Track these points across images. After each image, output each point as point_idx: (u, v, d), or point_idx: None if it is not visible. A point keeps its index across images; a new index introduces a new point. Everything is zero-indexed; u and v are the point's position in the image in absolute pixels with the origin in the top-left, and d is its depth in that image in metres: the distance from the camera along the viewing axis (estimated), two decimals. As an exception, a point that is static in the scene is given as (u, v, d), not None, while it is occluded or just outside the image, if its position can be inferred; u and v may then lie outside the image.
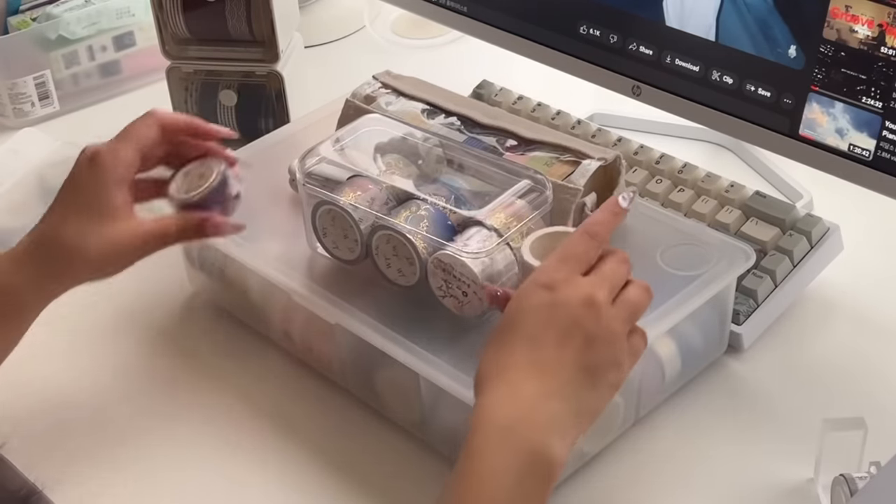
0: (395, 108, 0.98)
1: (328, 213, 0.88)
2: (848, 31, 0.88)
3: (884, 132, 0.88)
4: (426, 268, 0.84)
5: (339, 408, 0.91)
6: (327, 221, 0.89)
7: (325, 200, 0.88)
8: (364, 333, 0.85)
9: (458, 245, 0.82)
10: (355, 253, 0.89)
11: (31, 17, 1.31)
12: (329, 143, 0.91)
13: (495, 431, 0.66)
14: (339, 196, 0.87)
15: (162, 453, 0.89)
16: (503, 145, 0.93)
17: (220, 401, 0.92)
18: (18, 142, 1.20)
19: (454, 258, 0.82)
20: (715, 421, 0.88)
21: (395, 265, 0.86)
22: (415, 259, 0.85)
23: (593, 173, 0.87)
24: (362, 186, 0.88)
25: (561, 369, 0.69)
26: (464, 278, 0.82)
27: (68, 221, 0.83)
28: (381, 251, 0.87)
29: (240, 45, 1.16)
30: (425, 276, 0.85)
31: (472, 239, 0.82)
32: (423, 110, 0.97)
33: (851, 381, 0.91)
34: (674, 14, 0.99)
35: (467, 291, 0.83)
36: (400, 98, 0.99)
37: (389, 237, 0.85)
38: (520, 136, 0.93)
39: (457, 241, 0.83)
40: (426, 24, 1.29)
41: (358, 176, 0.88)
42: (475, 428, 0.67)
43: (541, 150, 0.91)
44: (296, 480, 0.86)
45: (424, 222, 0.84)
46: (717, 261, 0.88)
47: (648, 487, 0.84)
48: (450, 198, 0.87)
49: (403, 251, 0.85)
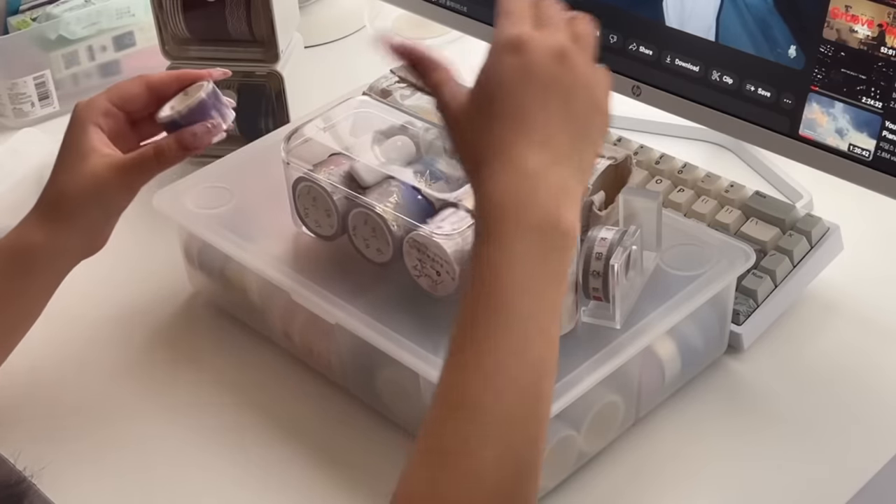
0: (411, 102, 0.99)
1: (307, 191, 0.90)
2: (848, 31, 0.88)
3: (884, 132, 0.88)
4: (401, 246, 0.86)
5: (339, 408, 0.91)
6: (308, 201, 0.91)
7: (303, 177, 0.90)
8: (364, 333, 0.85)
9: (433, 226, 0.84)
10: (333, 228, 0.91)
11: (31, 17, 1.31)
12: (315, 124, 0.93)
13: (510, 213, 0.64)
14: (317, 174, 0.89)
15: (161, 453, 0.89)
16: None
17: (219, 400, 0.92)
18: (18, 142, 1.20)
19: (428, 238, 0.84)
20: (715, 421, 0.88)
21: (373, 245, 0.88)
22: (387, 237, 0.86)
23: (602, 172, 0.87)
24: (338, 163, 0.90)
25: (555, 132, 0.67)
26: (437, 258, 0.84)
27: (56, 170, 0.88)
28: (360, 231, 0.89)
29: (240, 45, 1.16)
30: (400, 255, 0.87)
31: (447, 220, 0.84)
32: None
33: (851, 380, 0.91)
34: (674, 14, 0.99)
35: (440, 271, 0.84)
36: (416, 92, 0.99)
37: (367, 217, 0.87)
38: None
39: (432, 222, 0.84)
40: (426, 24, 1.29)
41: (338, 154, 0.90)
42: (486, 214, 0.65)
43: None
44: (296, 480, 0.85)
45: (394, 198, 0.86)
46: (717, 261, 0.88)
47: (648, 487, 0.84)
48: (425, 174, 0.88)
49: (381, 231, 0.87)
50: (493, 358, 0.62)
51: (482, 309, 0.63)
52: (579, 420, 0.81)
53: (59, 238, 0.87)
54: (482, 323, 0.63)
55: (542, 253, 0.64)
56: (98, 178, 0.86)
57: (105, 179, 0.86)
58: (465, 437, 0.61)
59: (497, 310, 0.63)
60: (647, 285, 0.86)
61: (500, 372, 0.62)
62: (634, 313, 0.84)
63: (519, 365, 0.63)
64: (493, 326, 0.63)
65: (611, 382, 0.81)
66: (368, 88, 1.01)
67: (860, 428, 0.87)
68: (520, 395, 0.62)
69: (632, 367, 0.83)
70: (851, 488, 0.82)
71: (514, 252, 0.64)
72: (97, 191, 0.86)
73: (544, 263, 0.64)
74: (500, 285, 0.63)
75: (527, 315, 0.63)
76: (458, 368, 0.63)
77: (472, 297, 0.64)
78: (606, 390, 0.82)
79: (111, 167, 0.86)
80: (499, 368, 0.62)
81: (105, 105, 0.90)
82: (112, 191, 0.87)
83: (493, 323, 0.63)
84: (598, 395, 0.82)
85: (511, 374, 0.62)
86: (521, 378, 0.62)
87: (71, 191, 0.86)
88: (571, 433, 0.81)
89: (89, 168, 0.86)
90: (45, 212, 0.88)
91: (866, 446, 0.85)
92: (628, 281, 0.82)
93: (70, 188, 0.87)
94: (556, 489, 0.83)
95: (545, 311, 0.64)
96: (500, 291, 0.63)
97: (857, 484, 0.82)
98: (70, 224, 0.87)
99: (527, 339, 0.63)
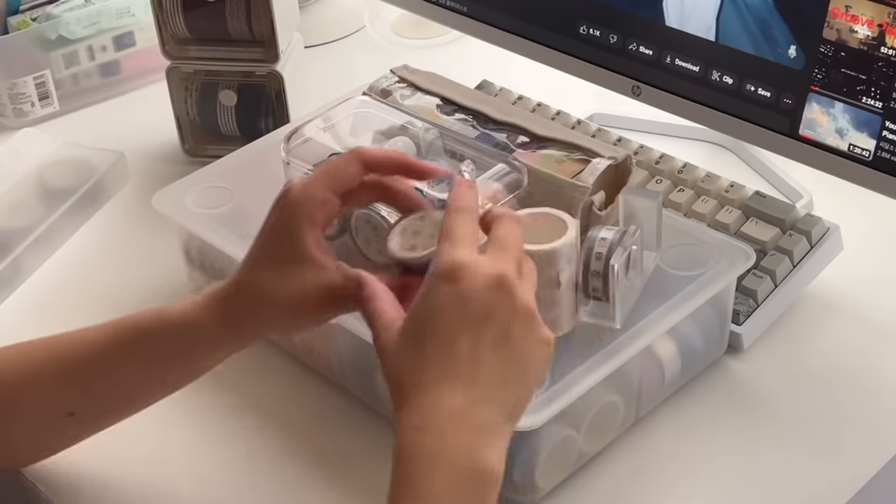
0: (411, 102, 0.98)
1: None
2: (848, 31, 0.88)
3: (884, 132, 0.88)
4: None
5: (339, 408, 0.91)
6: None
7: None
8: (364, 333, 0.84)
9: None
10: (334, 228, 0.90)
11: (31, 17, 1.31)
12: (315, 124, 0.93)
13: (424, 457, 0.63)
14: None
15: (160, 453, 0.89)
16: (514, 142, 0.93)
17: (219, 401, 0.92)
18: (18, 142, 1.20)
19: None
20: (715, 421, 0.88)
21: (375, 245, 0.88)
22: None
23: (602, 172, 0.87)
24: None
25: (486, 370, 0.64)
26: None
27: (265, 262, 0.75)
28: (361, 231, 0.88)
29: (240, 45, 1.16)
30: None
31: None
32: (437, 105, 0.98)
33: (851, 380, 0.91)
34: (674, 14, 0.99)
35: None
36: (416, 92, 0.99)
37: (369, 217, 0.86)
38: (532, 133, 0.93)
39: None
40: (426, 24, 1.29)
41: (338, 154, 0.90)
42: (402, 455, 0.63)
43: (552, 148, 0.91)
44: (295, 480, 0.85)
45: None
46: (717, 261, 0.88)
47: (648, 487, 0.84)
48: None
49: (382, 232, 0.87)
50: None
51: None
52: (579, 420, 0.81)
53: (238, 330, 0.77)
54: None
55: (459, 496, 0.63)
56: (305, 299, 0.74)
57: (312, 301, 0.74)
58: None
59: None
60: (647, 285, 0.86)
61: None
62: (634, 313, 0.84)
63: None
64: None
65: (611, 382, 0.81)
66: (368, 88, 1.01)
67: (860, 428, 0.87)
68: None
69: (632, 367, 0.83)
70: (851, 488, 0.82)
71: (430, 494, 0.62)
72: (302, 309, 0.75)
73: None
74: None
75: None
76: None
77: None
78: (606, 390, 0.82)
79: (324, 290, 0.74)
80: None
81: (323, 195, 0.75)
82: (318, 313, 0.75)
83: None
84: (598, 395, 0.82)
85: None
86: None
87: (269, 297, 0.74)
88: (571, 433, 0.81)
89: (298, 283, 0.74)
90: (229, 302, 0.76)
91: (866, 446, 0.85)
92: (628, 281, 0.82)
93: (269, 294, 0.74)
94: (557, 489, 0.83)
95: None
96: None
97: (858, 484, 0.82)
98: (258, 325, 0.77)
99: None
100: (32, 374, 0.80)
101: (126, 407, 0.82)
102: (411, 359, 0.66)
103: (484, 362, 0.65)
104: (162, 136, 1.23)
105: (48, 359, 0.80)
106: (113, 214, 1.15)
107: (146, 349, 0.78)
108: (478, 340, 0.65)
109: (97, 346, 0.79)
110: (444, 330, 0.65)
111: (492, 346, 0.65)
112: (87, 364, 0.79)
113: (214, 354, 0.79)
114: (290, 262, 0.74)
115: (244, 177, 1.01)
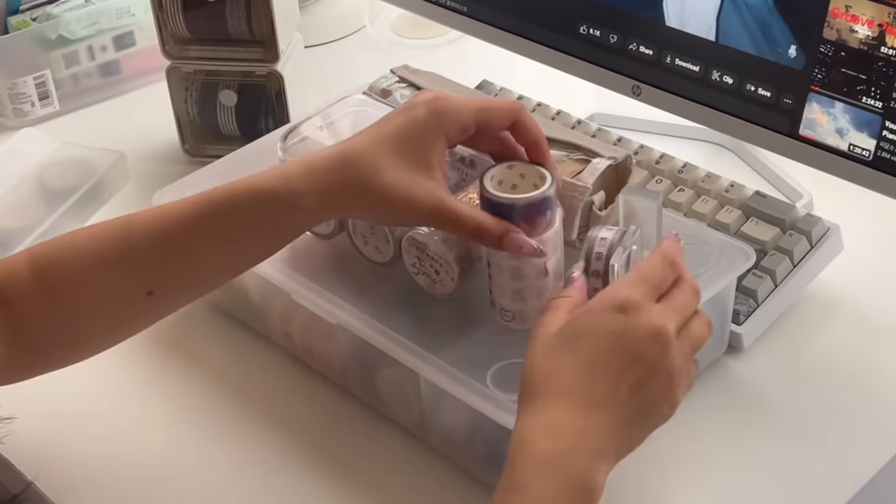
0: None
1: None
2: (848, 31, 0.88)
3: (884, 132, 0.88)
4: (400, 245, 0.87)
5: (339, 408, 0.91)
6: None
7: None
8: (364, 333, 0.85)
9: None
10: (331, 227, 0.91)
11: (31, 17, 1.31)
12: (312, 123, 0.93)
13: (539, 463, 0.65)
14: None
15: (160, 453, 0.89)
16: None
17: (219, 401, 0.92)
18: (18, 142, 1.20)
19: (428, 237, 0.84)
20: (715, 421, 0.88)
21: (372, 242, 0.89)
22: (389, 236, 0.87)
23: (602, 172, 0.87)
24: None
25: (614, 405, 0.67)
26: (437, 257, 0.84)
27: (380, 152, 0.75)
28: (359, 230, 0.89)
29: (240, 45, 1.16)
30: (399, 254, 0.87)
31: None
32: None
33: (851, 380, 0.91)
34: (674, 14, 0.99)
35: (439, 270, 0.84)
36: (416, 92, 0.99)
37: None
38: None
39: None
40: (426, 24, 1.29)
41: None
42: (517, 455, 0.66)
43: (552, 148, 0.91)
44: (295, 480, 0.86)
45: None
46: (717, 261, 0.88)
47: (649, 487, 0.84)
48: None
49: (380, 230, 0.88)
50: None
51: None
52: (579, 420, 0.81)
53: (331, 202, 0.76)
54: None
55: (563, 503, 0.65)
56: (413, 202, 0.76)
57: (417, 206, 0.76)
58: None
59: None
60: (647, 285, 0.86)
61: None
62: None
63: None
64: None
65: (611, 382, 0.81)
66: (368, 88, 1.01)
67: (860, 428, 0.87)
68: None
69: (632, 367, 0.83)
70: (852, 488, 0.82)
71: (538, 494, 0.64)
72: (404, 208, 0.76)
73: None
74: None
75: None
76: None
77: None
78: (606, 390, 0.82)
79: (432, 202, 0.76)
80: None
81: (469, 122, 0.77)
82: (413, 216, 0.78)
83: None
84: (598, 395, 0.82)
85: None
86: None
87: (381, 186, 0.75)
88: (571, 433, 0.81)
89: (414, 186, 0.75)
90: (338, 175, 0.76)
91: (866, 446, 0.85)
92: None
93: (382, 184, 0.75)
94: (556, 489, 0.83)
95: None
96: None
97: (858, 484, 0.82)
98: (352, 203, 0.77)
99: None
100: (114, 257, 0.78)
101: (208, 285, 0.82)
102: (555, 364, 0.68)
103: (616, 397, 0.67)
104: (162, 136, 1.23)
105: (124, 240, 0.78)
106: (113, 214, 1.14)
107: (238, 224, 0.77)
108: (620, 375, 0.68)
109: (184, 222, 0.77)
110: (596, 352, 0.68)
111: (628, 387, 0.68)
112: (171, 242, 0.78)
113: (306, 225, 0.80)
114: (413, 165, 0.75)
115: (244, 176, 1.01)
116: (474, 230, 0.77)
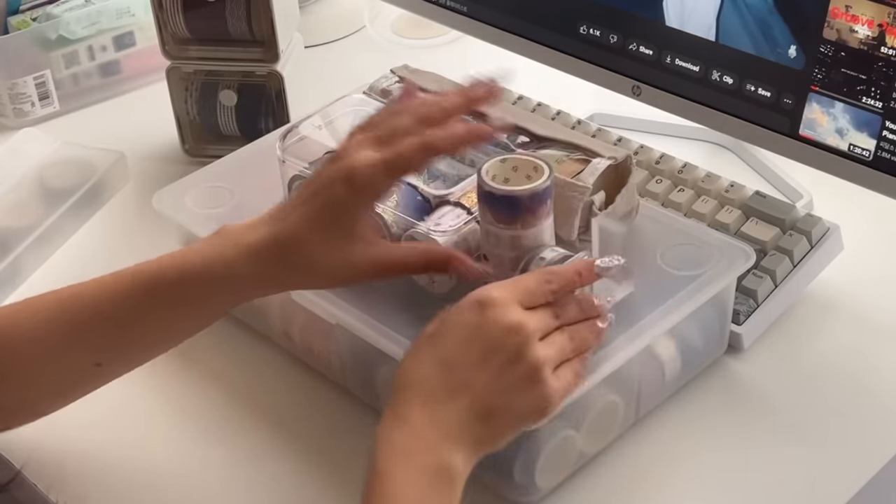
0: None
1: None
2: (848, 31, 0.88)
3: (884, 132, 0.88)
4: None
5: (339, 408, 0.91)
6: None
7: (299, 175, 0.90)
8: (364, 333, 0.85)
9: (430, 223, 0.84)
10: None
11: (31, 17, 1.31)
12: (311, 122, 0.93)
13: (397, 455, 0.69)
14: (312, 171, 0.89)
15: (160, 453, 0.89)
16: (514, 142, 0.93)
17: (218, 400, 0.92)
18: (18, 142, 1.20)
19: (425, 236, 0.84)
20: (715, 421, 0.88)
21: None
22: (386, 235, 0.86)
23: (602, 172, 0.87)
24: None
25: (469, 394, 0.69)
26: None
27: (314, 231, 0.77)
28: None
29: (240, 45, 1.16)
30: None
31: (445, 217, 0.84)
32: None
33: (851, 381, 0.91)
34: (674, 14, 0.99)
35: None
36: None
37: None
38: (532, 133, 0.93)
39: (429, 220, 0.84)
40: (426, 24, 1.29)
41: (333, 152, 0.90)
42: (377, 449, 0.69)
43: (552, 148, 0.91)
44: (295, 480, 0.85)
45: (394, 197, 0.86)
46: (717, 261, 0.88)
47: (649, 487, 0.84)
48: (422, 172, 0.88)
49: (380, 228, 0.87)
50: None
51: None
52: (579, 420, 0.81)
53: (269, 286, 0.80)
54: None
55: (424, 493, 0.68)
56: (354, 269, 0.78)
57: (360, 271, 0.78)
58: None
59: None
60: (647, 285, 0.86)
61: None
62: (634, 313, 0.84)
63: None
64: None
65: (611, 382, 0.81)
66: (368, 88, 1.01)
67: (860, 428, 0.87)
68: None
69: (632, 367, 0.83)
70: (852, 488, 0.82)
71: (398, 488, 0.68)
72: (347, 276, 0.79)
73: (425, 500, 0.68)
74: None
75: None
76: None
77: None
78: (606, 390, 0.82)
79: (374, 263, 0.78)
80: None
81: (387, 185, 0.77)
82: (359, 279, 0.80)
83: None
84: (598, 395, 0.82)
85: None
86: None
87: (320, 264, 0.77)
88: (571, 433, 0.81)
89: (352, 255, 0.77)
90: (277, 260, 0.77)
91: (866, 446, 0.85)
92: None
93: (321, 262, 0.77)
94: (557, 489, 0.83)
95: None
96: None
97: (858, 484, 0.82)
98: (293, 284, 0.81)
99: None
100: (60, 334, 0.80)
101: (158, 350, 0.83)
102: (417, 360, 0.72)
103: (473, 387, 0.70)
104: (162, 136, 1.23)
105: (69, 319, 0.80)
106: (113, 214, 1.15)
107: (177, 302, 0.79)
108: (477, 365, 0.70)
109: (117, 299, 0.79)
110: (453, 345, 0.71)
111: (487, 377, 0.70)
112: (117, 317, 0.79)
113: (248, 300, 0.82)
114: (343, 238, 0.77)
115: (244, 177, 1.01)
116: (425, 265, 0.80)
